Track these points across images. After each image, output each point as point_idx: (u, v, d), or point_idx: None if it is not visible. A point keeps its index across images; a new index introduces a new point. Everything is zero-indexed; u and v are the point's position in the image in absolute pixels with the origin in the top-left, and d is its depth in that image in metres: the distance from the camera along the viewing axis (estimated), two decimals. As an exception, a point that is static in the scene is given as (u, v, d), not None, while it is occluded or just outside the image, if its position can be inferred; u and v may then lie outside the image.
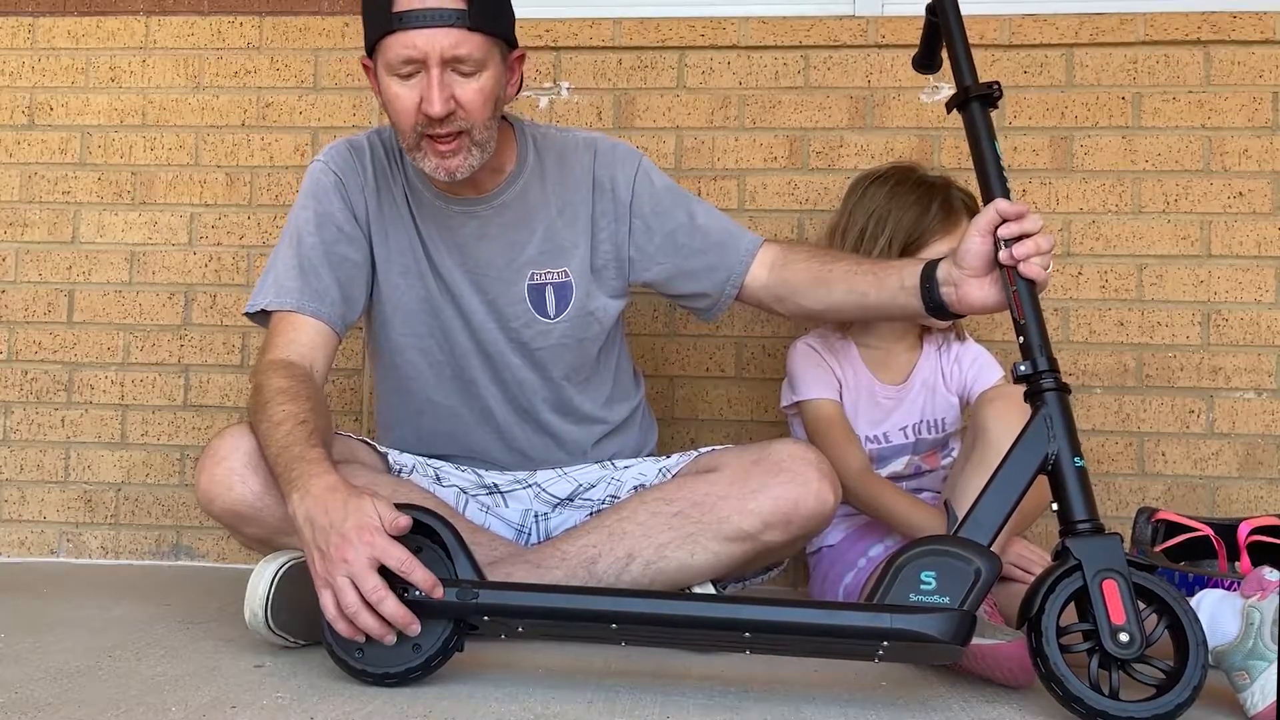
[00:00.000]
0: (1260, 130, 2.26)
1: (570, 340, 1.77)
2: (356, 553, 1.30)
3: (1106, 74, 2.29)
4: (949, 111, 1.53)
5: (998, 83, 1.49)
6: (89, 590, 2.04)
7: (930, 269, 1.58)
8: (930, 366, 2.02)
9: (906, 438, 2.00)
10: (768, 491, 1.58)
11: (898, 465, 1.99)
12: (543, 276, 1.74)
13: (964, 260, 1.50)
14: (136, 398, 2.42)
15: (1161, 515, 1.87)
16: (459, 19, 1.54)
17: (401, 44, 1.54)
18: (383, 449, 1.80)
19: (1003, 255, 1.43)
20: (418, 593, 1.32)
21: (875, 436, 1.99)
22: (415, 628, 1.32)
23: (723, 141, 2.36)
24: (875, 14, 2.36)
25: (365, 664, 1.34)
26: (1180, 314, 2.26)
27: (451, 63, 1.55)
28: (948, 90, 2.28)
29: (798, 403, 1.99)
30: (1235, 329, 2.25)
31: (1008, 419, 1.58)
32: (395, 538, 1.33)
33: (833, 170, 2.33)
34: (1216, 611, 1.38)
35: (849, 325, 2.01)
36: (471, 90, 1.57)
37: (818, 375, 1.98)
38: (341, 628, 1.32)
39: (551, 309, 1.75)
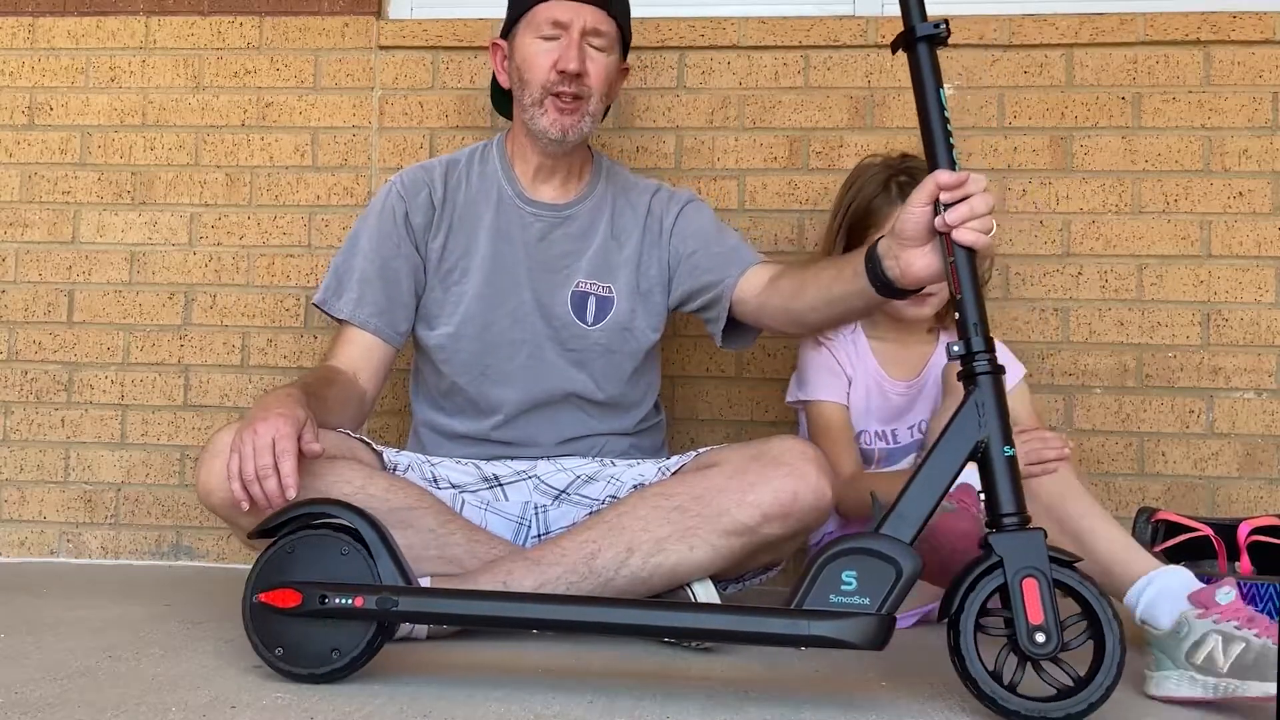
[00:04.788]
0: (1260, 130, 2.26)
1: (603, 349, 1.91)
2: (265, 430, 1.49)
3: (1106, 74, 2.29)
4: (894, 53, 1.43)
5: (946, 20, 1.37)
6: (89, 590, 2.04)
7: (873, 246, 1.54)
8: (943, 362, 2.00)
9: (913, 436, 1.99)
10: (766, 485, 1.59)
11: (904, 465, 1.99)
12: (588, 287, 1.91)
13: (902, 230, 1.43)
14: (136, 398, 2.42)
15: (1161, 515, 1.87)
16: (603, 2, 1.85)
17: (552, 9, 1.83)
18: (379, 447, 1.81)
19: (937, 221, 1.36)
20: (339, 600, 1.34)
21: (884, 434, 1.99)
22: (278, 500, 1.47)
23: (723, 141, 2.36)
24: (875, 14, 2.36)
25: (289, 664, 1.36)
26: (1180, 314, 2.26)
27: (590, 34, 1.83)
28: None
29: (804, 401, 1.99)
30: (1235, 329, 2.25)
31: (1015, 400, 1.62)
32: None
33: (833, 170, 2.33)
34: (1161, 596, 1.43)
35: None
36: (599, 63, 1.85)
37: (826, 379, 1.98)
38: (235, 489, 1.50)
39: (590, 317, 1.91)
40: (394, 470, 1.79)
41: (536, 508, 1.83)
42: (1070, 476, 1.61)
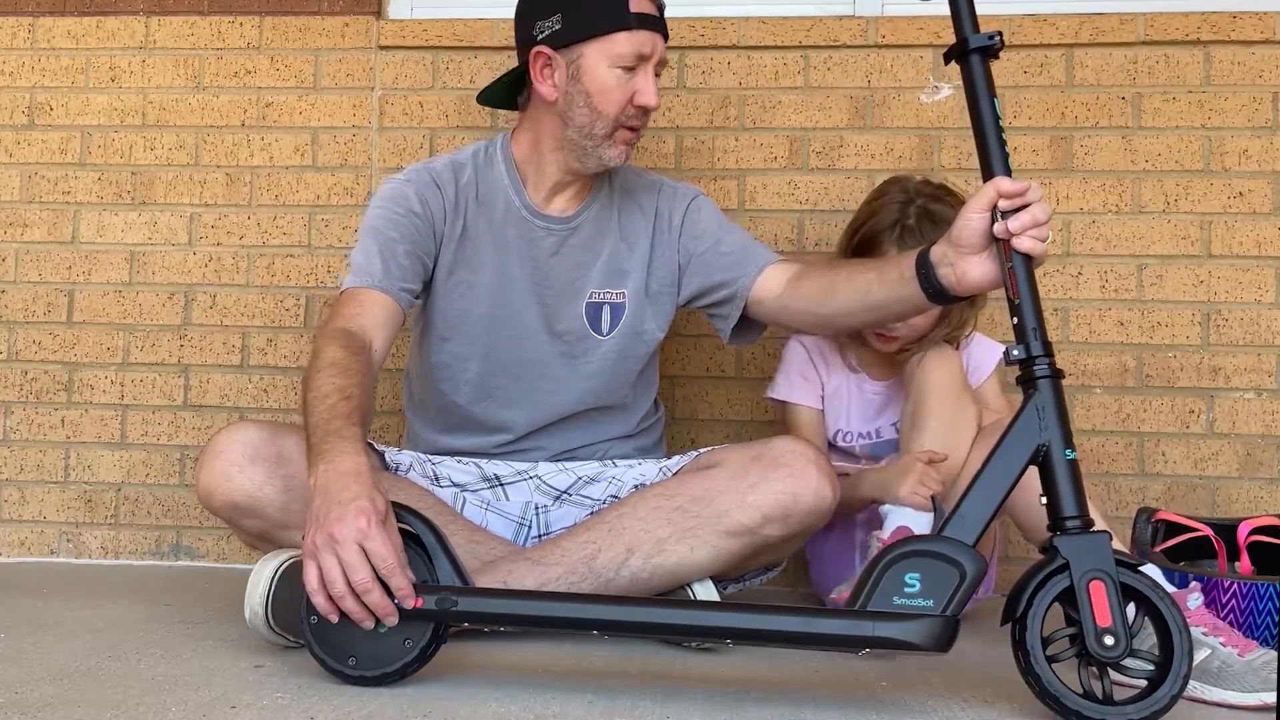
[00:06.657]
0: (1260, 130, 2.26)
1: (616, 356, 1.87)
2: (347, 536, 1.29)
3: (1106, 74, 2.29)
4: (946, 63, 1.45)
5: (999, 32, 1.39)
6: (89, 590, 2.03)
7: (924, 253, 1.54)
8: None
9: (897, 433, 2.00)
10: (767, 486, 1.59)
11: (885, 461, 2.01)
12: (601, 296, 1.86)
13: (961, 237, 1.44)
14: (136, 398, 2.42)
15: (1161, 515, 1.87)
16: (665, 28, 1.79)
17: (638, 41, 1.73)
18: (380, 447, 1.81)
19: (997, 228, 1.38)
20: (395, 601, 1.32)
21: (867, 433, 2.01)
22: (393, 619, 1.32)
23: (723, 141, 2.36)
24: (875, 14, 2.36)
25: (362, 669, 1.34)
26: (1180, 314, 2.26)
27: (658, 65, 1.77)
28: (948, 90, 2.28)
29: (778, 400, 2.07)
30: (1235, 329, 2.25)
31: (938, 368, 1.80)
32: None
33: (833, 170, 2.33)
34: None
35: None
36: (657, 90, 1.78)
37: (799, 383, 2.04)
38: (319, 602, 1.31)
39: (605, 327, 1.86)
40: (395, 470, 1.79)
41: (537, 508, 1.83)
42: None
